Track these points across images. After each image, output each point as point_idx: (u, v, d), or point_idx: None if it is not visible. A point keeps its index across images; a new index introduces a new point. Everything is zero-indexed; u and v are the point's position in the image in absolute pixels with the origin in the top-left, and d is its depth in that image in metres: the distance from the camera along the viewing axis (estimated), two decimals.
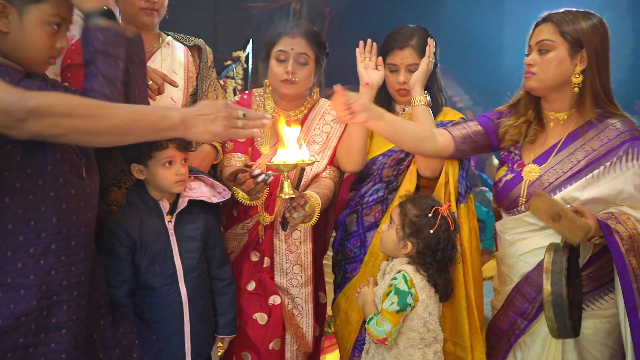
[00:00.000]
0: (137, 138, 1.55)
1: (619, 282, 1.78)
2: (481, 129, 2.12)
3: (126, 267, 1.93)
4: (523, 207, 1.97)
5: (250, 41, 6.06)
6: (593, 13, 1.92)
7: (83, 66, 1.63)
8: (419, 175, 2.20)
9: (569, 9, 1.92)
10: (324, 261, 2.52)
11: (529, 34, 1.99)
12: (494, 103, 2.37)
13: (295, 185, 2.00)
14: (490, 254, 3.85)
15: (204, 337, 2.05)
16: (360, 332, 2.23)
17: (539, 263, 1.88)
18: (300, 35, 2.21)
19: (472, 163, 6.22)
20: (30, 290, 1.54)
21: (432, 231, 1.87)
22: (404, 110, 2.33)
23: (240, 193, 2.04)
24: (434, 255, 1.89)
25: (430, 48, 2.20)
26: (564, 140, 1.95)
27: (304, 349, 2.30)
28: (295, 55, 2.20)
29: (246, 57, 5.98)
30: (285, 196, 1.92)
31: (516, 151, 2.06)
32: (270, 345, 2.18)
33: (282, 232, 2.25)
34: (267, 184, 2.01)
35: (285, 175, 1.90)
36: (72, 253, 1.63)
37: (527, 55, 1.98)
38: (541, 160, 1.98)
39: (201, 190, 2.04)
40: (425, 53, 2.21)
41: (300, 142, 1.93)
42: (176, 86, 2.11)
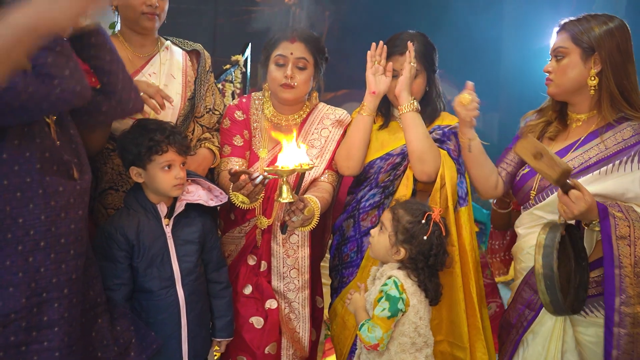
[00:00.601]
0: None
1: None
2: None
3: (124, 270, 1.94)
4: (533, 200, 2.02)
5: (249, 45, 6.07)
6: (612, 17, 1.96)
7: None
8: (415, 179, 2.20)
9: (586, 15, 1.98)
10: (322, 263, 2.52)
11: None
12: (493, 107, 2.38)
13: (295, 190, 2.00)
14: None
15: (201, 340, 2.06)
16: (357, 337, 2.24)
17: None
18: (300, 40, 2.22)
19: None
20: (19, 287, 1.55)
21: (426, 237, 1.88)
22: None
23: (240, 197, 2.03)
24: (426, 260, 1.89)
25: (411, 53, 2.17)
26: (583, 138, 1.99)
27: (300, 354, 2.30)
28: (294, 60, 2.21)
29: (245, 61, 5.99)
30: (284, 201, 1.92)
31: None
32: (267, 350, 2.18)
33: (280, 236, 2.26)
34: (264, 185, 2.01)
35: (284, 179, 1.90)
36: (62, 250, 1.63)
37: None
38: (559, 155, 2.00)
39: (198, 194, 2.05)
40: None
41: (299, 143, 1.94)
42: (170, 101, 2.09)
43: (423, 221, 1.89)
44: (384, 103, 2.34)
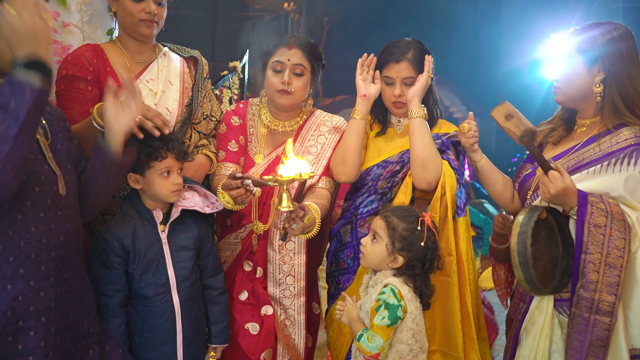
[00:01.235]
0: None
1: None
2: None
3: (119, 276, 1.93)
4: (530, 200, 2.05)
5: (247, 51, 6.10)
6: (618, 26, 1.98)
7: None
8: (414, 187, 2.21)
9: (591, 23, 2.01)
10: (320, 266, 2.52)
11: None
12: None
13: (296, 198, 2.00)
14: (489, 259, 3.92)
15: (196, 346, 2.05)
16: (353, 343, 2.23)
17: None
18: (297, 47, 2.23)
19: (468, 172, 6.29)
20: None
21: (423, 243, 1.89)
22: (399, 121, 2.35)
23: (226, 197, 2.04)
24: (423, 266, 1.90)
25: (429, 64, 2.23)
26: (583, 142, 2.02)
27: None
28: (291, 66, 2.22)
29: (242, 67, 6.02)
30: (284, 209, 1.91)
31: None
32: (262, 356, 2.18)
33: (277, 242, 2.25)
34: (253, 193, 2.01)
35: (284, 188, 1.90)
36: (42, 278, 1.57)
37: None
38: (558, 157, 2.06)
39: (194, 200, 2.05)
40: (420, 66, 2.23)
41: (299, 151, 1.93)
42: (169, 126, 1.97)
43: (418, 228, 1.89)
44: (380, 110, 2.35)
